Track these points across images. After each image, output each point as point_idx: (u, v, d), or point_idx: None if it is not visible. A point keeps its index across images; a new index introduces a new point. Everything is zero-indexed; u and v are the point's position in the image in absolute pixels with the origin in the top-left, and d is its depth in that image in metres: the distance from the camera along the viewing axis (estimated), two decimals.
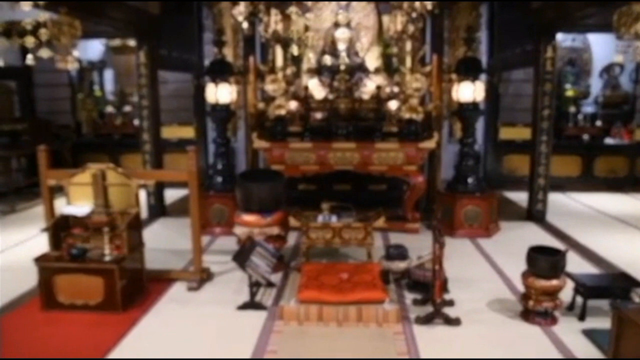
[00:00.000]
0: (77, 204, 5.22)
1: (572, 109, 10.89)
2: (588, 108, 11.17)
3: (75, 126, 11.39)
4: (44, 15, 3.90)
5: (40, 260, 4.85)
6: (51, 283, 4.81)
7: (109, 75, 11.99)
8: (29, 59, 4.52)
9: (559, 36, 8.55)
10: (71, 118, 11.36)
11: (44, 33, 3.83)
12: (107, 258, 4.83)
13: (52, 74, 10.41)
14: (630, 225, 7.85)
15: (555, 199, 9.06)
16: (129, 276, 4.95)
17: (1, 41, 3.80)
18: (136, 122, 10.59)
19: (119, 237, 4.98)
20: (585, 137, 10.81)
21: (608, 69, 11.11)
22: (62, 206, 5.28)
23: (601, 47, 10.97)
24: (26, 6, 3.41)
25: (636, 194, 9.97)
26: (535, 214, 7.89)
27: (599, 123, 10.95)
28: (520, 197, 8.80)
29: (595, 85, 11.28)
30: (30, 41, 4.02)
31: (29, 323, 4.62)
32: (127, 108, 11.48)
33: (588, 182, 10.49)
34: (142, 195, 5.84)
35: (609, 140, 10.80)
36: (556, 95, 10.24)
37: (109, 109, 11.56)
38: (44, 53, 4.06)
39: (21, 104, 10.80)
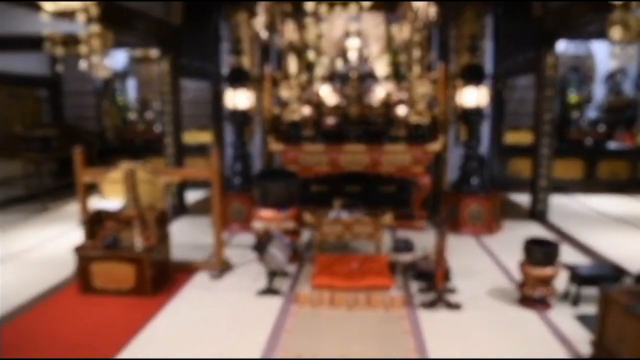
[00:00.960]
0: (110, 199, 5.71)
1: (576, 114, 11.25)
2: (591, 113, 11.54)
3: (99, 132, 11.95)
4: (95, 27, 4.39)
5: (78, 249, 5.33)
6: (88, 270, 5.29)
7: (131, 84, 12.57)
8: (83, 65, 5.01)
9: (563, 43, 8.93)
10: (96, 124, 11.93)
11: (95, 43, 4.31)
12: (138, 248, 5.30)
13: (79, 83, 11.05)
14: (628, 225, 8.18)
15: (558, 200, 9.41)
16: (157, 265, 5.41)
17: (59, 49, 4.28)
18: (158, 127, 11.16)
19: (147, 229, 5.45)
20: (588, 141, 11.16)
21: (611, 75, 11.47)
22: (92, 204, 5.77)
23: (604, 54, 11.33)
24: (81, 20, 3.89)
25: (637, 196, 10.28)
26: (537, 214, 8.26)
27: (601, 128, 11.30)
28: (523, 199, 9.16)
29: (598, 91, 11.64)
30: (84, 50, 4.50)
31: (69, 305, 5.09)
32: (149, 115, 12.04)
33: (591, 184, 10.82)
34: None
35: (611, 145, 11.13)
36: (560, 101, 10.64)
37: (132, 115, 12.15)
38: (95, 59, 4.56)
39: (51, 111, 11.38)
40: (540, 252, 4.89)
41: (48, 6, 3.79)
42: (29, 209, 9.41)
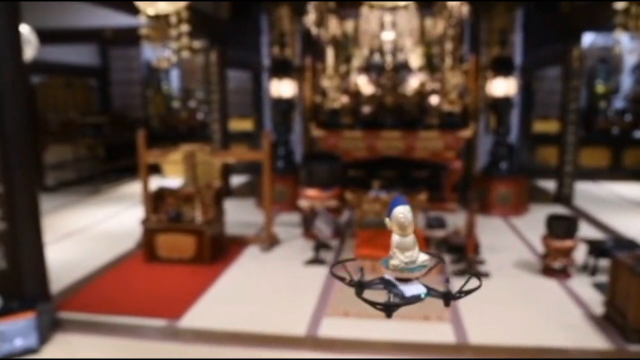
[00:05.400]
0: (170, 178, 6.37)
1: (603, 104, 11.57)
2: (618, 103, 11.83)
3: (145, 119, 12.68)
4: (184, 27, 4.97)
5: (144, 222, 6.01)
6: (153, 241, 5.96)
7: (175, 74, 13.27)
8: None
9: (591, 35, 9.26)
10: (142, 112, 12.66)
11: (184, 40, 4.92)
12: (198, 221, 5.94)
13: (125, 73, 11.76)
14: None
15: (585, 187, 9.79)
16: (215, 237, 6.06)
17: (154, 44, 4.88)
18: (200, 115, 11.83)
19: (206, 205, 6.10)
20: (615, 130, 11.47)
21: (638, 67, 11.73)
22: (152, 182, 6.41)
23: (632, 45, 11.58)
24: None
25: None
26: (562, 198, 8.68)
27: (628, 117, 11.60)
28: (550, 186, 9.57)
29: (626, 81, 11.92)
30: (174, 46, 5.10)
31: (138, 271, 5.78)
32: (192, 103, 12.74)
33: (617, 172, 11.12)
34: None
35: (638, 134, 11.43)
36: (588, 91, 10.97)
37: (175, 104, 12.86)
38: (186, 54, 5.18)
39: (100, 100, 12.15)
40: (561, 226, 5.39)
41: (150, 10, 4.40)
42: (82, 190, 10.16)
